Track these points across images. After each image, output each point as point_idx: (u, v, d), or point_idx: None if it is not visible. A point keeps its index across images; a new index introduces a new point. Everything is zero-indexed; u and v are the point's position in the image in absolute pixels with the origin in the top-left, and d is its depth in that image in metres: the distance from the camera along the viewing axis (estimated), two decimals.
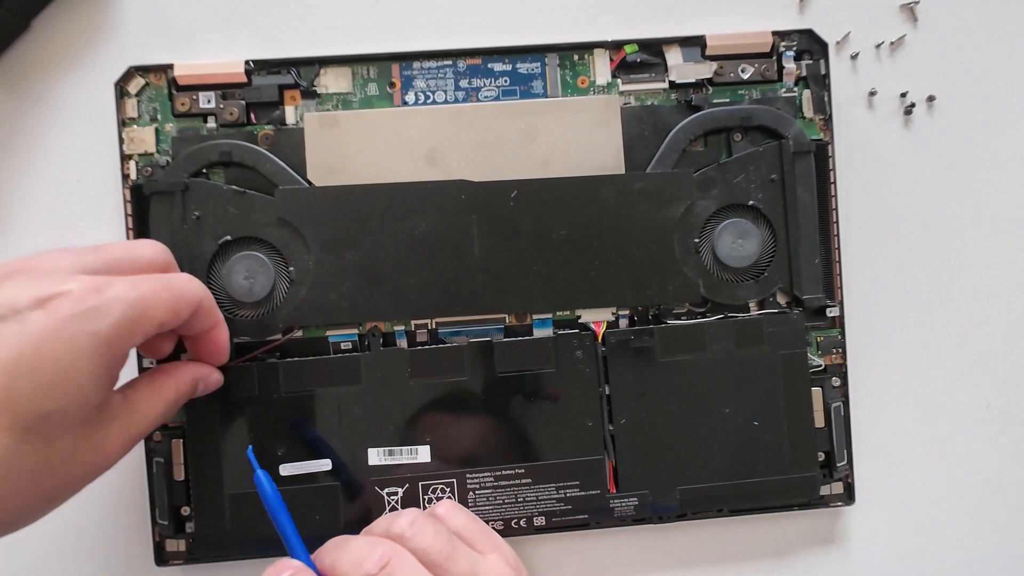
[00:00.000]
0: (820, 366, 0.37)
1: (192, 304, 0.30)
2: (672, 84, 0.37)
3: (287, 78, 0.36)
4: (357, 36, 0.37)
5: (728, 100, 0.37)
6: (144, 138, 0.36)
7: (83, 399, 0.26)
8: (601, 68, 0.37)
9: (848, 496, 0.38)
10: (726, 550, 0.38)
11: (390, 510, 0.35)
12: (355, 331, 0.36)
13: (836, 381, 0.37)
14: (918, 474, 0.39)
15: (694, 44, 0.37)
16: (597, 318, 0.36)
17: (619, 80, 0.37)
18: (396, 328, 0.36)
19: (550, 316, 0.36)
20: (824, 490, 0.37)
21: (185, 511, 0.35)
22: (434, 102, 0.37)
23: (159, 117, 0.36)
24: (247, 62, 0.36)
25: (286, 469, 0.35)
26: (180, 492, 0.35)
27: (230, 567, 0.36)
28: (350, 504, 0.35)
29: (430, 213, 0.35)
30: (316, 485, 0.35)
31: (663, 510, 0.36)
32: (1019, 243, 0.39)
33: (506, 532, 0.35)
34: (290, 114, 0.36)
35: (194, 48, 0.37)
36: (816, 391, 0.37)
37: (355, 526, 0.34)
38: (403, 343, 0.36)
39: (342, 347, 0.36)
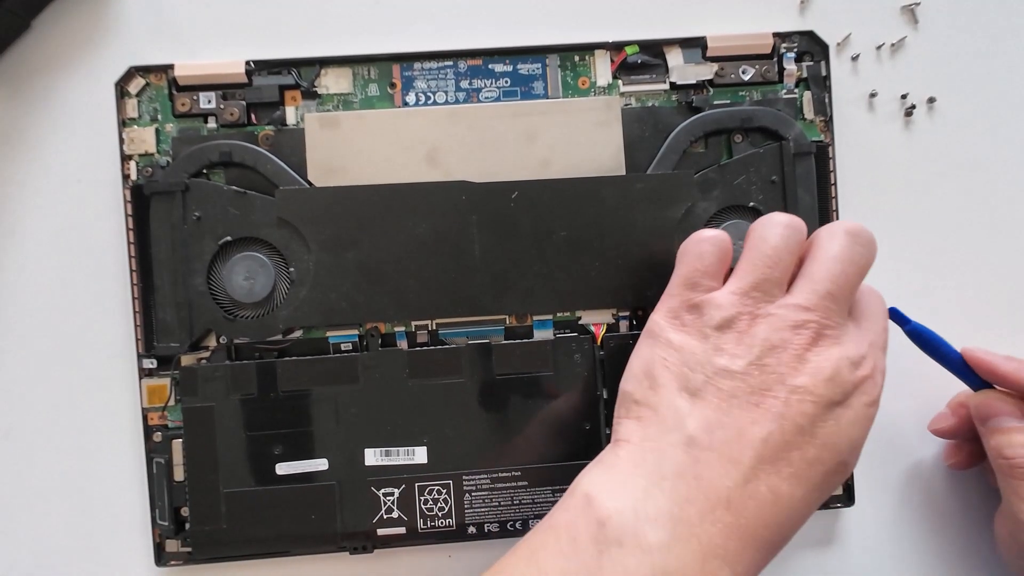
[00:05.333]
0: None
1: None
2: (673, 85, 0.37)
3: (288, 78, 0.36)
4: (358, 37, 0.37)
5: (729, 101, 0.37)
6: (144, 138, 0.36)
7: None
8: (602, 69, 0.37)
9: (848, 496, 0.37)
10: None
11: (386, 510, 0.35)
12: (355, 332, 0.36)
13: None
14: (918, 474, 0.39)
15: (695, 45, 0.37)
16: (598, 319, 0.36)
17: (620, 81, 0.37)
18: (396, 329, 0.36)
19: (550, 317, 0.36)
20: None
21: (185, 511, 0.35)
22: (435, 103, 0.37)
23: (159, 117, 0.36)
24: (247, 62, 0.36)
25: (282, 468, 0.35)
26: (180, 492, 0.35)
27: (230, 567, 0.36)
28: (346, 504, 0.35)
29: (430, 214, 0.35)
30: (313, 484, 0.35)
31: None
32: (1019, 244, 0.39)
33: (501, 534, 0.35)
34: (291, 114, 0.36)
35: (194, 48, 0.37)
36: None
37: (352, 526, 0.34)
38: (403, 344, 0.36)
39: (342, 348, 0.36)
